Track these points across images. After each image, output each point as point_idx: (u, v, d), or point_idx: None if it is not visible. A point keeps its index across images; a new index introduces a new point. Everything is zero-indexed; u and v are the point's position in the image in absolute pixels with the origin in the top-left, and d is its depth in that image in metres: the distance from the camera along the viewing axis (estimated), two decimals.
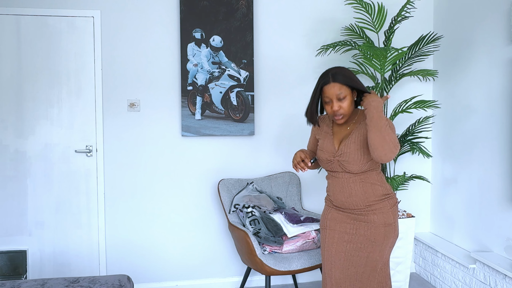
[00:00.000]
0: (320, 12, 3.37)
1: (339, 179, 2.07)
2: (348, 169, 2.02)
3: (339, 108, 1.98)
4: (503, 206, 2.76)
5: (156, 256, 3.25)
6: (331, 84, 1.97)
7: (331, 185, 2.12)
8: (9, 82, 3.04)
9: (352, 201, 2.04)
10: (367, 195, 2.03)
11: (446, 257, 3.13)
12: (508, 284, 2.54)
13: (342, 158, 2.01)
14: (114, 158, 3.17)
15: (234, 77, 3.23)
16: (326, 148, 2.08)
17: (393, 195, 2.11)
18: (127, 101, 3.17)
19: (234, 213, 2.95)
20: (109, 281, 2.15)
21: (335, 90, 1.96)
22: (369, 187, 2.03)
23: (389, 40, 3.10)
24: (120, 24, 3.14)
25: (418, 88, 3.52)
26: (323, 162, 2.09)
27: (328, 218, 2.14)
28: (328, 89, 1.97)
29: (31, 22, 3.05)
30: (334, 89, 1.96)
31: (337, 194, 2.09)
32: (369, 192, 2.03)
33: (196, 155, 3.26)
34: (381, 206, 2.04)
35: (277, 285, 3.34)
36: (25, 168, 3.08)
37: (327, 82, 1.97)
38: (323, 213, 2.20)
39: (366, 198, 2.02)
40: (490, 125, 2.86)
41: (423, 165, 3.55)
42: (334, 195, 2.11)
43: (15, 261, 3.08)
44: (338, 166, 2.04)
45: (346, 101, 1.98)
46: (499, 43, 2.78)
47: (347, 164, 2.01)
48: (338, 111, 1.98)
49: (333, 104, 1.98)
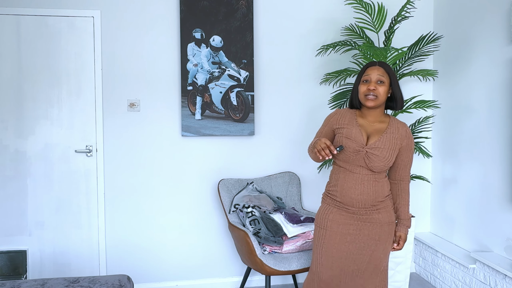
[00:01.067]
0: (320, 12, 3.37)
1: (355, 175, 2.03)
2: (371, 165, 2.00)
3: (375, 88, 2.01)
4: (503, 206, 2.76)
5: (156, 256, 3.25)
6: (376, 67, 2.05)
7: (342, 180, 2.06)
8: (9, 82, 3.04)
9: (361, 199, 2.02)
10: (376, 195, 2.04)
11: (446, 257, 3.13)
12: (508, 284, 2.54)
13: (373, 152, 1.99)
14: (114, 158, 3.17)
15: (234, 77, 3.23)
16: (355, 138, 2.03)
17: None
18: (127, 101, 3.17)
19: (234, 213, 2.95)
20: (109, 281, 2.15)
21: (378, 72, 2.03)
22: (379, 187, 2.05)
23: (389, 40, 3.10)
24: (120, 24, 3.14)
25: (418, 88, 3.52)
26: (349, 151, 2.02)
27: (328, 219, 2.09)
28: (371, 70, 2.05)
29: (31, 22, 3.05)
30: (378, 71, 2.04)
31: (347, 190, 2.04)
32: (378, 192, 2.05)
33: (196, 155, 3.26)
34: (384, 205, 2.07)
35: (277, 285, 3.34)
36: (25, 168, 3.08)
37: (373, 65, 2.07)
38: (322, 212, 2.14)
39: (375, 198, 2.04)
40: (490, 125, 2.86)
41: (423, 165, 3.55)
42: (342, 191, 2.05)
43: (15, 261, 3.08)
44: (363, 159, 2.00)
45: (383, 87, 2.02)
46: (499, 43, 2.78)
47: (374, 158, 1.99)
48: (373, 90, 2.01)
49: (370, 84, 2.01)
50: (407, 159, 2.09)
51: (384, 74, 2.03)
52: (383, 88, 2.02)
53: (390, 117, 2.13)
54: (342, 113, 2.14)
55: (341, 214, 2.07)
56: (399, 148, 2.06)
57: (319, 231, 2.12)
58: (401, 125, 2.10)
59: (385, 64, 2.07)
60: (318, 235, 2.13)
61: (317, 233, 2.14)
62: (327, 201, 2.14)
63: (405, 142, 2.07)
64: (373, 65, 2.06)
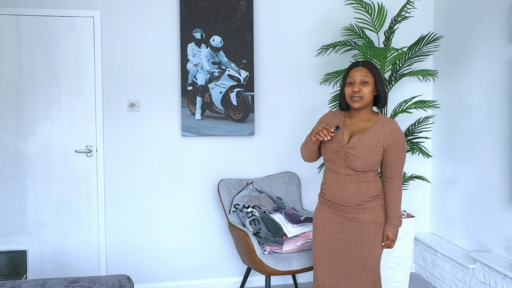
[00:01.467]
0: (320, 12, 3.37)
1: (337, 174, 2.09)
2: (352, 164, 2.03)
3: (359, 89, 2.03)
4: (503, 206, 2.76)
5: (156, 256, 3.25)
6: (359, 68, 2.06)
7: (328, 179, 2.15)
8: (9, 82, 3.04)
9: (344, 198, 2.08)
10: (359, 194, 2.06)
11: (446, 257, 3.13)
12: (508, 284, 2.54)
13: (351, 151, 2.02)
14: (114, 158, 3.17)
15: (234, 77, 3.23)
16: (336, 138, 2.08)
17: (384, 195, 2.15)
18: (127, 101, 3.17)
19: (234, 213, 2.95)
20: (109, 281, 2.15)
21: (361, 73, 2.04)
22: (364, 186, 2.06)
23: (389, 40, 3.10)
24: (120, 24, 3.14)
25: (418, 88, 3.52)
26: (330, 152, 2.08)
27: (319, 217, 2.20)
28: (354, 71, 2.06)
29: (31, 22, 3.05)
30: (361, 72, 2.05)
31: (331, 189, 2.12)
32: (362, 191, 2.06)
33: (196, 155, 3.26)
34: (371, 205, 2.08)
35: (277, 285, 3.34)
36: (25, 168, 3.08)
37: (356, 66, 2.08)
38: (315, 211, 2.25)
39: (358, 197, 2.06)
40: (490, 125, 2.86)
41: (423, 165, 3.55)
42: (328, 189, 2.14)
43: (15, 261, 3.08)
44: (343, 159, 2.05)
45: (367, 87, 2.04)
46: (499, 43, 2.78)
47: (353, 158, 2.02)
48: (358, 92, 2.02)
49: (355, 86, 2.04)
50: (396, 157, 2.06)
51: (367, 74, 2.04)
52: (367, 88, 2.04)
53: (379, 116, 2.12)
54: (333, 114, 2.20)
55: (329, 212, 2.15)
56: (384, 146, 2.05)
57: (313, 229, 2.24)
58: (387, 123, 2.07)
59: (368, 63, 2.07)
60: (313, 233, 2.25)
61: (312, 231, 2.27)
62: (320, 200, 2.23)
63: (391, 140, 2.04)
64: (356, 66, 2.07)
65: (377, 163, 2.06)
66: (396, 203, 2.11)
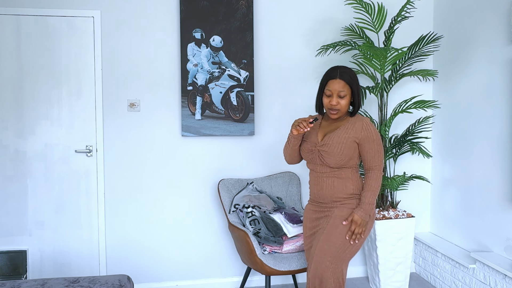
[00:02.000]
0: (320, 12, 3.37)
1: (316, 173, 2.21)
2: (326, 161, 2.13)
3: (337, 103, 2.11)
4: (503, 206, 2.76)
5: (156, 256, 3.25)
6: (337, 80, 2.11)
7: (311, 178, 2.28)
8: (9, 82, 3.04)
9: (321, 194, 2.19)
10: (335, 191, 2.15)
11: (446, 257, 3.14)
12: (508, 284, 2.54)
13: (322, 149, 2.13)
14: (114, 158, 3.17)
15: (234, 77, 3.23)
16: (310, 139, 2.22)
17: None
18: (127, 101, 3.17)
19: (234, 213, 2.95)
20: (109, 281, 2.15)
21: (339, 87, 2.10)
22: (340, 183, 2.14)
23: (389, 40, 3.10)
24: (120, 24, 3.14)
25: (418, 88, 3.52)
26: (305, 151, 2.22)
27: (304, 216, 2.37)
28: (333, 83, 2.11)
29: (31, 22, 3.05)
30: (338, 85, 2.10)
31: (312, 187, 2.27)
32: (338, 188, 2.14)
33: (196, 155, 3.26)
34: (348, 202, 2.15)
35: (277, 285, 3.34)
36: (25, 168, 3.08)
37: (333, 77, 2.12)
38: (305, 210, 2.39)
39: (334, 193, 2.15)
40: (490, 125, 2.86)
41: (423, 165, 3.55)
42: (310, 188, 2.29)
43: (15, 261, 3.08)
44: (318, 157, 2.16)
45: (345, 100, 2.12)
46: (499, 43, 2.78)
47: (326, 155, 2.12)
48: (336, 106, 2.11)
49: (333, 99, 2.11)
50: (372, 150, 2.12)
51: (345, 86, 2.10)
52: (344, 101, 2.12)
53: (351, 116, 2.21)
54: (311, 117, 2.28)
55: (311, 209, 2.30)
56: (357, 141, 2.12)
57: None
58: (358, 119, 2.16)
59: (346, 74, 2.11)
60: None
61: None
62: (309, 199, 2.36)
63: (363, 134, 2.11)
64: (334, 78, 2.11)
65: (351, 158, 2.12)
66: (371, 190, 2.13)
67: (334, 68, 2.14)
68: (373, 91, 3.11)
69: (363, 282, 3.39)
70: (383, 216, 3.10)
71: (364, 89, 3.17)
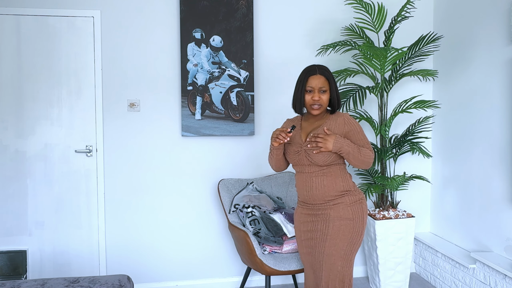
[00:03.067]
0: (320, 12, 3.37)
1: (304, 174, 2.17)
2: (314, 160, 2.11)
3: (319, 98, 2.12)
4: (503, 206, 2.76)
5: (156, 256, 3.25)
6: (317, 76, 2.13)
7: (297, 181, 2.23)
8: (9, 82, 3.04)
9: (312, 195, 2.15)
10: (326, 189, 2.12)
11: (446, 257, 3.13)
12: (508, 284, 2.54)
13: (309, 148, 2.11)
14: (114, 158, 3.17)
15: (234, 77, 3.23)
16: (294, 141, 2.20)
17: (356, 192, 2.18)
18: (127, 101, 3.17)
19: (234, 213, 2.95)
20: (109, 281, 2.15)
21: (319, 82, 2.12)
22: (331, 181, 2.13)
23: (389, 40, 3.10)
24: (120, 24, 3.14)
25: (418, 88, 3.52)
26: (291, 154, 2.19)
27: (295, 219, 2.30)
28: (313, 79, 2.12)
29: (31, 22, 3.05)
30: (319, 80, 2.12)
31: (300, 189, 2.21)
32: (329, 187, 2.12)
33: (196, 155, 3.26)
34: (340, 201, 2.13)
35: (277, 285, 3.34)
36: (25, 168, 3.08)
37: (313, 73, 2.13)
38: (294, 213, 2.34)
39: (326, 192, 2.12)
40: (490, 125, 2.86)
41: (423, 165, 3.55)
42: (299, 190, 2.23)
43: (15, 261, 3.08)
44: (305, 157, 2.13)
45: (326, 95, 2.14)
46: (499, 43, 2.78)
47: (318, 155, 2.09)
48: (318, 101, 2.12)
49: (314, 94, 2.12)
50: (359, 140, 2.14)
51: (325, 82, 2.12)
52: (325, 96, 2.14)
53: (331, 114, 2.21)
54: (290, 121, 2.33)
55: (302, 213, 2.23)
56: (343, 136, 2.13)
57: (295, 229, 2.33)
58: (339, 116, 2.18)
59: (324, 70, 2.14)
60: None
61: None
62: (298, 202, 2.30)
63: (347, 128, 2.14)
64: (314, 74, 2.13)
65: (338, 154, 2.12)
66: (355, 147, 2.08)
67: (312, 66, 2.17)
68: (373, 91, 3.11)
69: (363, 282, 3.39)
70: (383, 216, 3.10)
71: (364, 89, 3.17)
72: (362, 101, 3.17)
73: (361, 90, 3.18)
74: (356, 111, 3.20)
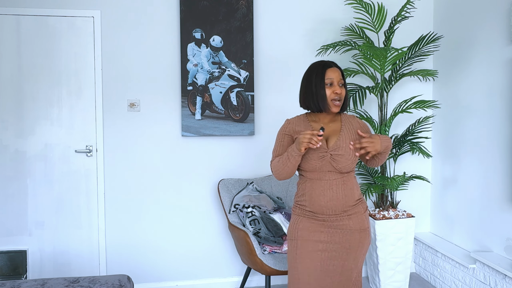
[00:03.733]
0: (320, 12, 3.37)
1: (323, 181, 1.94)
2: (339, 166, 1.92)
3: (340, 92, 1.94)
4: (503, 206, 2.76)
5: (156, 256, 3.25)
6: (335, 68, 1.97)
7: (310, 189, 1.97)
8: (9, 82, 3.04)
9: (331, 205, 1.93)
10: (346, 199, 1.94)
11: (446, 257, 3.14)
12: (508, 284, 2.54)
13: (336, 153, 1.91)
14: (114, 158, 3.17)
15: (234, 77, 3.23)
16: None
17: (364, 199, 2.05)
18: (127, 101, 3.17)
19: (234, 213, 2.95)
20: (109, 281, 2.15)
21: (339, 75, 1.96)
22: (349, 190, 1.96)
23: (389, 40, 3.10)
24: (120, 24, 3.14)
25: (418, 88, 3.52)
26: (314, 160, 1.92)
27: (299, 228, 1.98)
28: (332, 72, 1.95)
29: (31, 22, 3.05)
30: (338, 73, 1.96)
31: (315, 199, 1.94)
32: (348, 196, 1.95)
33: (196, 155, 3.26)
34: (356, 210, 1.97)
35: (277, 285, 3.34)
36: (25, 168, 3.08)
37: (330, 66, 1.97)
38: (292, 224, 2.03)
39: (346, 202, 1.94)
40: (490, 125, 2.86)
41: (423, 165, 3.55)
42: (311, 200, 1.96)
43: (15, 261, 3.08)
44: (329, 163, 1.92)
45: (344, 90, 1.97)
46: (499, 43, 2.78)
47: (340, 159, 1.91)
48: (341, 94, 1.94)
49: (335, 87, 1.93)
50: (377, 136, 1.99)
51: (340, 75, 1.97)
52: (344, 90, 1.97)
53: (340, 114, 2.05)
54: (294, 121, 2.04)
55: (311, 222, 1.96)
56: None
57: (291, 243, 2.00)
58: (351, 118, 2.05)
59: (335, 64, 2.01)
60: (290, 248, 2.00)
61: (290, 246, 2.01)
62: (297, 212, 2.03)
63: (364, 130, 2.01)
64: (330, 66, 1.97)
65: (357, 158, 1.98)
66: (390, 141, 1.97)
67: (323, 60, 2.01)
68: (373, 91, 3.11)
69: (363, 282, 3.39)
70: (383, 216, 3.10)
71: (364, 89, 3.17)
72: (362, 101, 3.17)
73: (361, 90, 3.18)
74: (356, 111, 3.20)
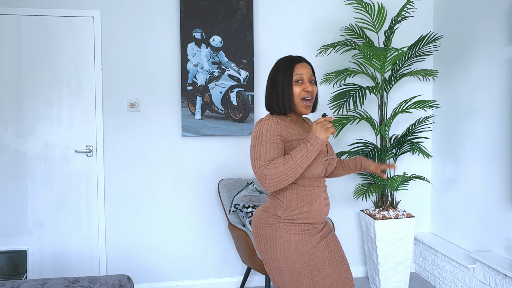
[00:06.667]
0: (320, 12, 3.37)
1: (319, 187, 1.74)
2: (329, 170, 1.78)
3: (313, 89, 1.72)
4: (503, 206, 2.76)
5: (156, 256, 3.25)
6: (304, 64, 1.74)
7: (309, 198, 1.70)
8: (9, 82, 3.04)
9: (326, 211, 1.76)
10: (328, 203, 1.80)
11: (446, 257, 3.14)
12: (508, 284, 2.54)
13: (332, 156, 1.78)
14: (114, 158, 3.17)
15: (234, 77, 3.23)
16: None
17: None
18: (127, 101, 3.17)
19: (234, 213, 2.95)
20: (109, 281, 2.15)
21: (309, 70, 1.73)
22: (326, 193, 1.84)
23: (389, 40, 3.11)
24: (120, 24, 3.14)
25: (418, 88, 3.52)
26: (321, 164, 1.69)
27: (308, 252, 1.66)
28: (301, 67, 1.72)
29: (31, 22, 3.05)
30: (307, 69, 1.73)
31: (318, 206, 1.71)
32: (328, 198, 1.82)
33: (196, 155, 3.26)
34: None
35: None
36: (25, 168, 3.08)
37: (299, 61, 1.73)
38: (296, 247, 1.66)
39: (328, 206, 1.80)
40: (490, 125, 2.86)
41: (423, 165, 3.55)
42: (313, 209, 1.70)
43: (15, 261, 3.08)
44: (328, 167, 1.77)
45: (315, 87, 1.75)
46: (499, 43, 2.78)
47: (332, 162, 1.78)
48: (312, 92, 1.72)
49: (306, 85, 1.70)
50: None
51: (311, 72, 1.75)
52: (316, 88, 1.75)
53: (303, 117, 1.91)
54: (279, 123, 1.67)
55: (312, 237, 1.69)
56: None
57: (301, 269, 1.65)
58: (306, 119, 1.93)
59: (304, 58, 1.78)
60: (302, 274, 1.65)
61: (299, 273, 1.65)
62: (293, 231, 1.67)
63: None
64: (299, 61, 1.73)
65: None
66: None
67: (290, 55, 1.76)
68: (373, 91, 3.11)
69: (363, 282, 3.39)
70: (383, 216, 3.10)
71: (364, 89, 3.17)
72: (362, 101, 3.17)
73: (361, 90, 3.18)
74: (356, 111, 3.20)
